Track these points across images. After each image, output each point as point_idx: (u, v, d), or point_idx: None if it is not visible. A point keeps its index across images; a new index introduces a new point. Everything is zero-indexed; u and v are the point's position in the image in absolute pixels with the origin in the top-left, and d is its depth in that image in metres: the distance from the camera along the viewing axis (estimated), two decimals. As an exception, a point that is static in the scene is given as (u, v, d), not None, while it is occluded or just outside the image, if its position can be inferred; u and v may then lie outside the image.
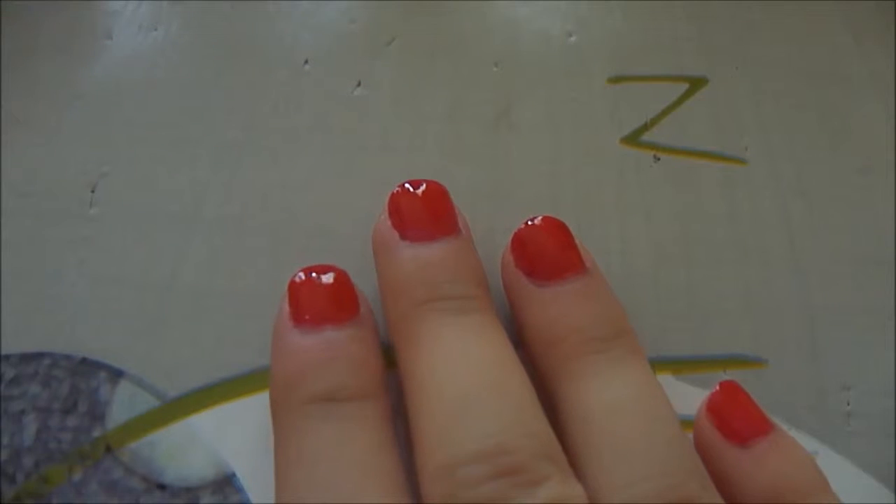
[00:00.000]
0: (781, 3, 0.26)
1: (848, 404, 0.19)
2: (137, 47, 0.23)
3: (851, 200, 0.22)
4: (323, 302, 0.16)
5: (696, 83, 0.24)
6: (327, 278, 0.17)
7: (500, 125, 0.22)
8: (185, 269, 0.20)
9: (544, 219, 0.18)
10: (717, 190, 0.22)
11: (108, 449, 0.17)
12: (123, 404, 0.18)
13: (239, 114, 0.22)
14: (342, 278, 0.17)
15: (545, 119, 0.23)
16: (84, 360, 0.18)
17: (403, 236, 0.17)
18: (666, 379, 0.19)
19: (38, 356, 0.18)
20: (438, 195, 0.18)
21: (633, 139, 0.23)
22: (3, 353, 0.18)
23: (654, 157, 0.22)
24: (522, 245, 0.18)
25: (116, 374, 0.18)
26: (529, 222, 0.18)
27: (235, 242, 0.20)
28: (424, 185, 0.18)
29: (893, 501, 0.18)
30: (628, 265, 0.21)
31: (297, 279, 0.17)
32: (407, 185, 0.18)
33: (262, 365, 0.18)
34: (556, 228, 0.18)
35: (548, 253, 0.17)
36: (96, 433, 0.18)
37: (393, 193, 0.18)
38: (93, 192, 0.21)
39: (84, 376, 0.18)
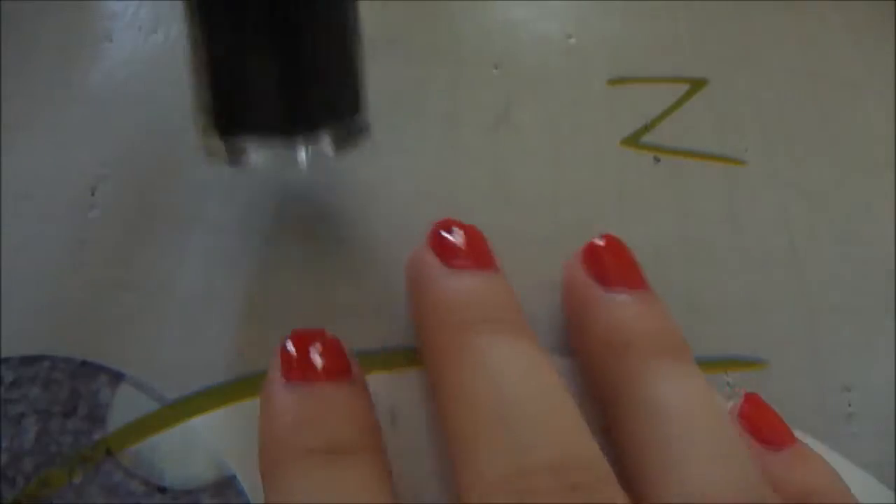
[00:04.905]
0: (781, 3, 0.26)
1: (849, 405, 0.19)
2: (137, 49, 0.23)
3: (851, 200, 0.22)
4: (316, 363, 0.16)
5: (696, 84, 0.24)
6: (320, 341, 0.17)
7: (500, 127, 0.22)
8: (185, 271, 0.20)
9: (609, 236, 0.19)
10: (717, 190, 0.22)
11: (109, 452, 0.17)
12: (124, 407, 0.18)
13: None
14: (334, 342, 0.17)
15: (545, 121, 0.23)
16: (84, 363, 0.18)
17: (447, 264, 0.17)
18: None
19: (38, 359, 0.18)
20: (478, 236, 0.18)
21: (633, 141, 0.23)
22: (3, 355, 0.18)
23: (655, 158, 0.22)
24: (594, 255, 0.18)
25: (117, 377, 0.18)
26: (598, 240, 0.19)
27: (236, 245, 0.20)
28: (463, 229, 0.18)
29: (894, 502, 0.18)
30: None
31: (287, 346, 0.17)
32: (447, 228, 0.18)
33: (262, 368, 0.18)
34: (624, 248, 0.19)
35: (620, 265, 0.18)
36: (96, 436, 0.18)
37: (433, 230, 0.18)
38: (93, 194, 0.21)
39: (84, 379, 0.18)
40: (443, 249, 0.18)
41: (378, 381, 0.18)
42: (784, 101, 0.24)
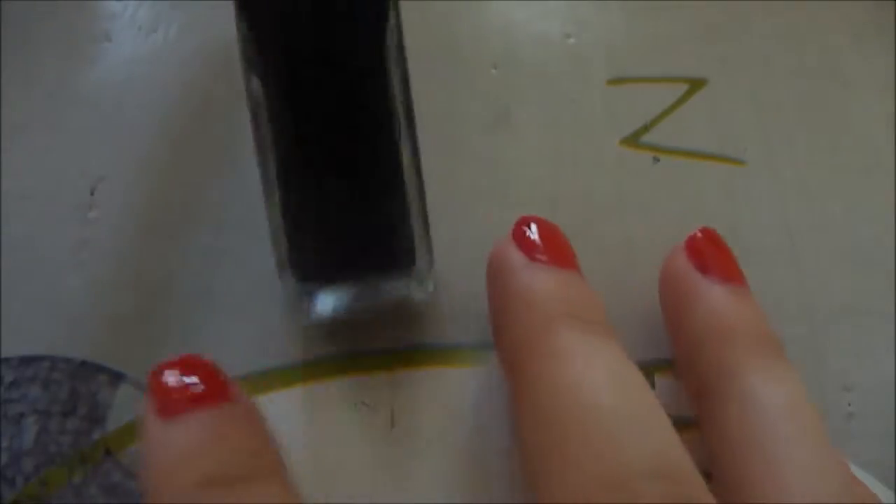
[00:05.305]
0: (781, 3, 0.26)
1: (849, 405, 0.19)
2: (137, 49, 0.23)
3: (851, 200, 0.22)
4: (190, 389, 0.15)
5: (696, 84, 0.24)
6: (191, 366, 0.16)
7: (499, 127, 0.22)
8: (184, 271, 0.20)
9: (708, 231, 0.19)
10: (717, 190, 0.22)
11: (108, 452, 0.17)
12: (123, 407, 0.18)
13: (239, 116, 0.22)
14: (206, 364, 0.16)
15: (544, 121, 0.23)
16: (84, 363, 0.18)
17: (532, 259, 0.17)
18: (668, 382, 0.19)
19: (38, 359, 0.18)
20: (560, 236, 0.18)
21: (632, 140, 0.23)
22: (3, 355, 0.18)
23: (654, 158, 0.22)
24: (697, 246, 0.19)
25: (116, 377, 0.18)
26: (698, 233, 0.19)
27: (235, 245, 0.20)
28: (546, 227, 0.18)
29: (894, 502, 0.18)
30: (628, 267, 0.21)
31: (158, 375, 0.16)
32: (530, 225, 0.18)
33: (261, 368, 0.18)
34: (723, 241, 0.19)
35: (722, 258, 0.18)
36: (96, 436, 0.18)
37: (517, 226, 0.18)
38: (92, 194, 0.21)
39: (84, 379, 0.18)
40: (526, 245, 0.18)
41: (378, 382, 0.18)
42: (784, 101, 0.24)
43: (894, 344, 0.20)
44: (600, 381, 0.15)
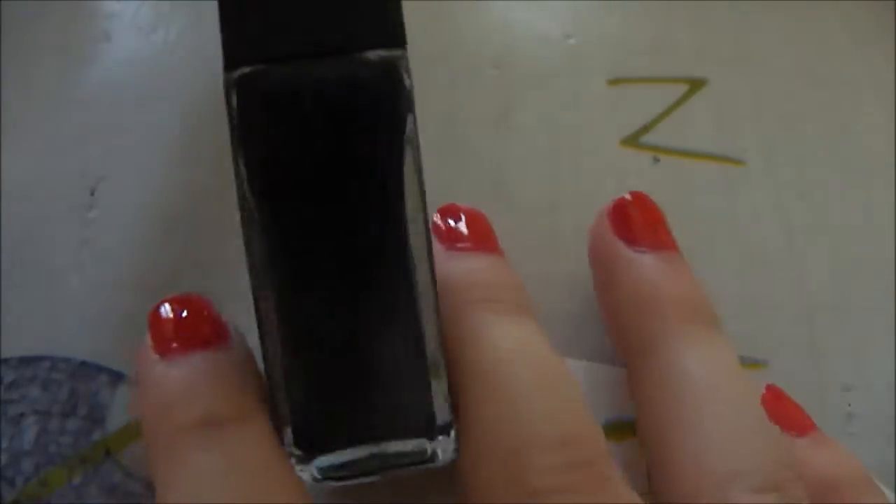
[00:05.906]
0: (781, 3, 0.26)
1: (849, 405, 0.19)
2: (136, 50, 0.23)
3: (851, 200, 0.22)
4: (188, 329, 0.16)
5: (696, 84, 0.24)
6: (191, 306, 0.16)
7: (499, 127, 0.22)
8: (185, 271, 0.20)
9: (638, 194, 0.19)
10: (717, 191, 0.22)
11: (108, 452, 0.17)
12: (123, 407, 0.18)
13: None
14: (206, 305, 0.17)
15: (545, 121, 0.23)
16: (83, 363, 0.18)
17: (449, 247, 0.18)
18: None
19: (38, 359, 0.18)
20: (481, 219, 0.18)
21: (632, 141, 0.23)
22: (3, 356, 0.18)
23: (654, 158, 0.22)
24: (621, 212, 0.18)
25: (116, 377, 0.18)
26: (626, 196, 0.18)
27: (236, 245, 0.20)
28: (466, 213, 0.18)
29: (894, 502, 0.18)
30: (628, 266, 0.20)
31: (158, 310, 0.16)
32: (450, 212, 0.18)
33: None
34: (653, 205, 0.18)
35: (648, 223, 0.18)
36: (96, 436, 0.18)
37: (436, 215, 0.18)
38: (92, 194, 0.21)
39: (84, 379, 0.18)
40: (445, 233, 0.18)
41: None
42: (784, 101, 0.24)
43: (894, 344, 0.20)
44: (508, 356, 0.15)
